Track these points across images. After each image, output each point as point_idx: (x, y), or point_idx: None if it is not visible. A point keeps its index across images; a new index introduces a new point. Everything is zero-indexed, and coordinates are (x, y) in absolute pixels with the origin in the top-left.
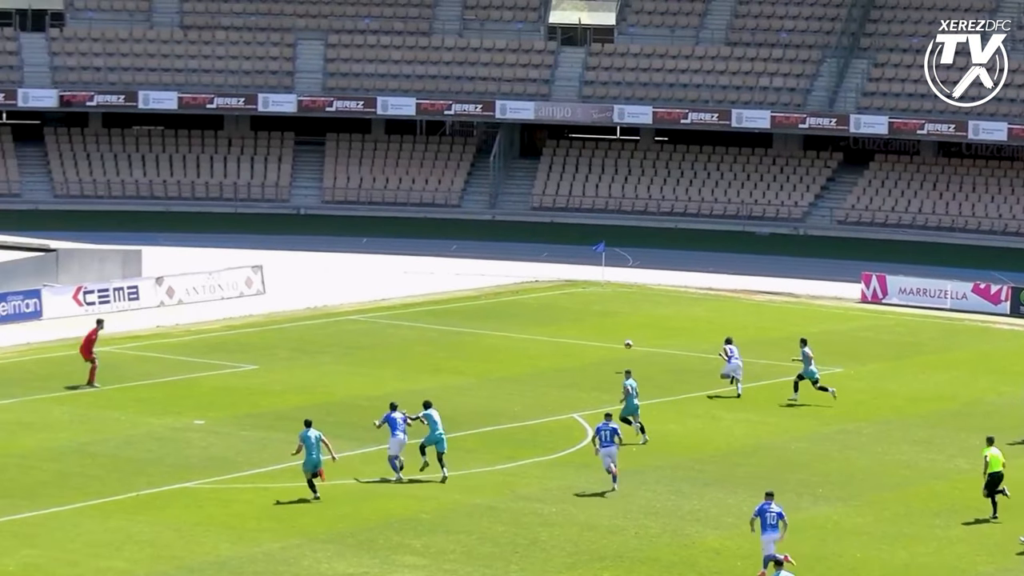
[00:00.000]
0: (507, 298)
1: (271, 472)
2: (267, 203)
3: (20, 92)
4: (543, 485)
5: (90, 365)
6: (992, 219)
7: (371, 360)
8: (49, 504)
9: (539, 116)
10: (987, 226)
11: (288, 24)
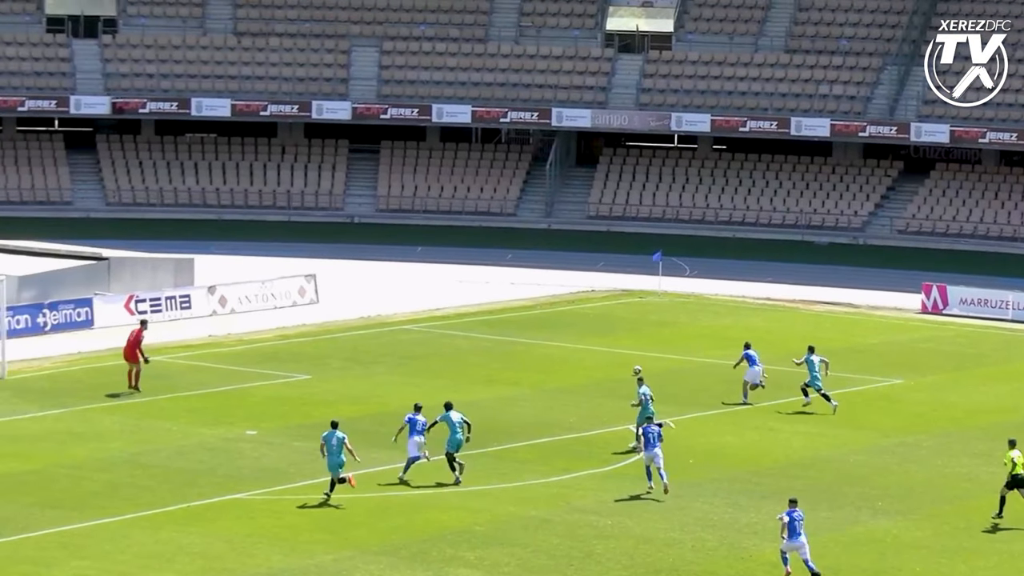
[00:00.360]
0: (563, 308)
1: (324, 483)
2: (321, 211)
3: (72, 99)
4: (598, 497)
5: (135, 368)
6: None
7: (425, 370)
8: (99, 515)
9: (596, 124)
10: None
11: (343, 31)
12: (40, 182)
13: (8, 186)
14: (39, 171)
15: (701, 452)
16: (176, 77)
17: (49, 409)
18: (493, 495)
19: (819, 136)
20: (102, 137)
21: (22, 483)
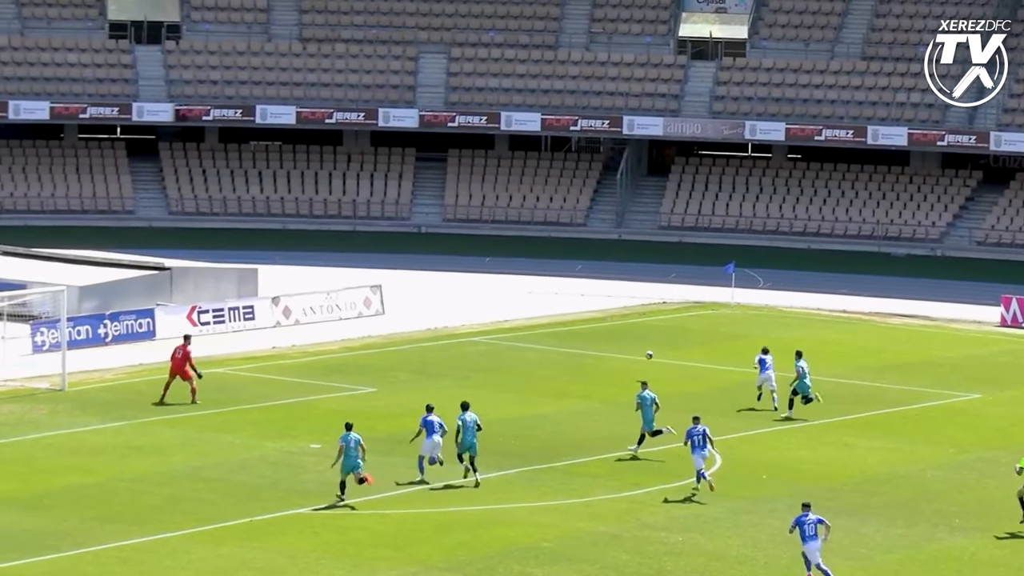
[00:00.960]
0: (634, 320)
1: (389, 498)
2: (387, 221)
3: (135, 106)
4: (669, 513)
5: (191, 385)
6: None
7: (492, 383)
8: (160, 530)
9: (668, 132)
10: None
11: (410, 37)
12: (102, 191)
13: (69, 195)
14: (101, 179)
15: (774, 467)
16: (240, 84)
17: (110, 422)
18: (562, 510)
19: (896, 145)
20: (165, 145)
21: (82, 496)
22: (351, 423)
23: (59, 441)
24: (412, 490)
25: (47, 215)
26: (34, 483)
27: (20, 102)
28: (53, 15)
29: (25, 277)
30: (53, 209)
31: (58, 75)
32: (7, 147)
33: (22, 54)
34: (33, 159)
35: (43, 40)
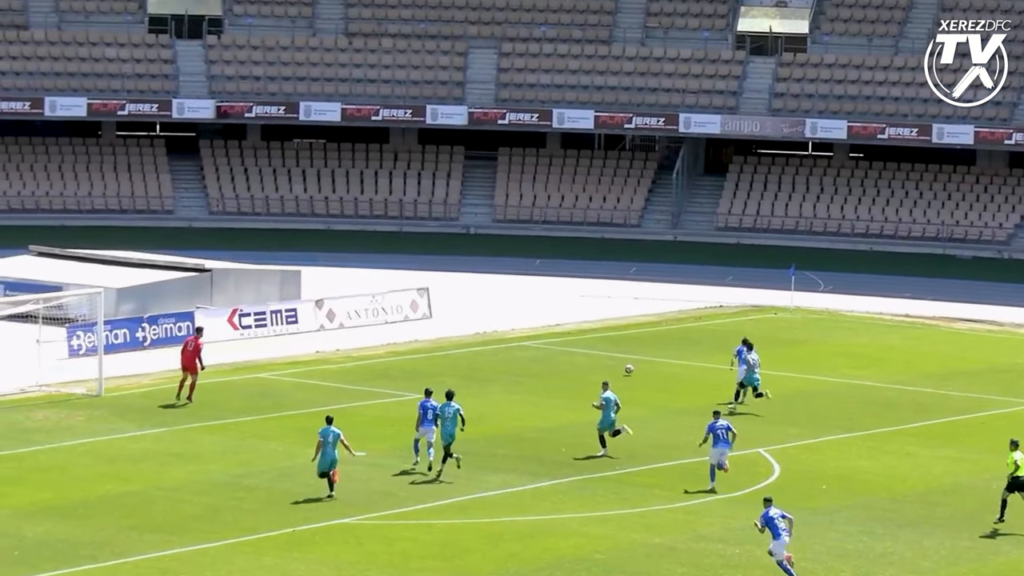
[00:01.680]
0: (689, 324)
1: (436, 507)
2: (435, 221)
3: (175, 103)
4: (726, 524)
5: (192, 379)
6: None
7: (543, 389)
8: (200, 540)
9: (725, 130)
10: None
11: (459, 31)
12: (140, 190)
13: (107, 193)
14: (139, 178)
15: (833, 477)
16: (284, 80)
17: (148, 428)
18: (615, 521)
19: (962, 144)
20: (205, 143)
21: (120, 506)
22: (331, 417)
23: (96, 448)
24: (461, 499)
25: (84, 215)
26: (70, 492)
27: (57, 98)
28: (91, 8)
29: (61, 279)
30: (90, 209)
31: (96, 71)
32: (43, 145)
33: (59, 49)
34: (70, 157)
35: (81, 34)
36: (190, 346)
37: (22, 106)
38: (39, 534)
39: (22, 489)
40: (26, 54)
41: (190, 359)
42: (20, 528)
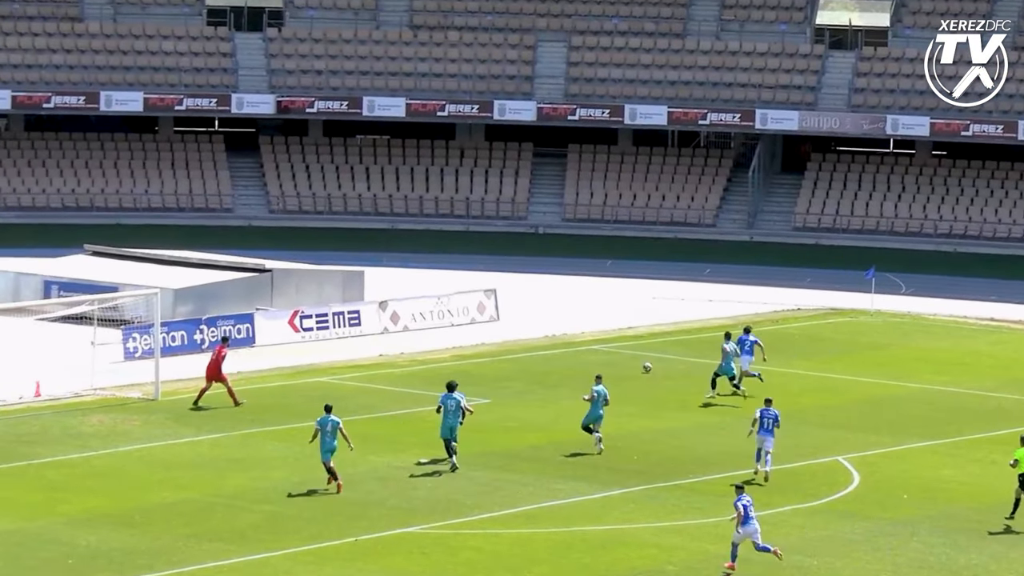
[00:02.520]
0: (766, 327)
1: (503, 516)
2: (502, 220)
3: (234, 97)
4: (804, 535)
5: (226, 386)
6: None
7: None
8: (259, 549)
9: (803, 127)
10: None
11: (528, 24)
12: (198, 187)
13: (164, 191)
14: (197, 175)
15: (916, 487)
16: (347, 74)
17: (206, 433)
18: (688, 531)
19: None
20: (265, 139)
21: (177, 513)
22: (331, 405)
23: (152, 454)
24: (529, 508)
25: (140, 213)
26: (126, 499)
27: (113, 93)
28: (148, 0)
29: (117, 279)
30: (147, 207)
31: (153, 64)
32: (98, 141)
33: (115, 42)
34: (126, 153)
35: (137, 27)
36: (215, 355)
37: (77, 101)
38: (93, 542)
39: (76, 496)
40: (81, 47)
41: (214, 369)
42: (74, 536)
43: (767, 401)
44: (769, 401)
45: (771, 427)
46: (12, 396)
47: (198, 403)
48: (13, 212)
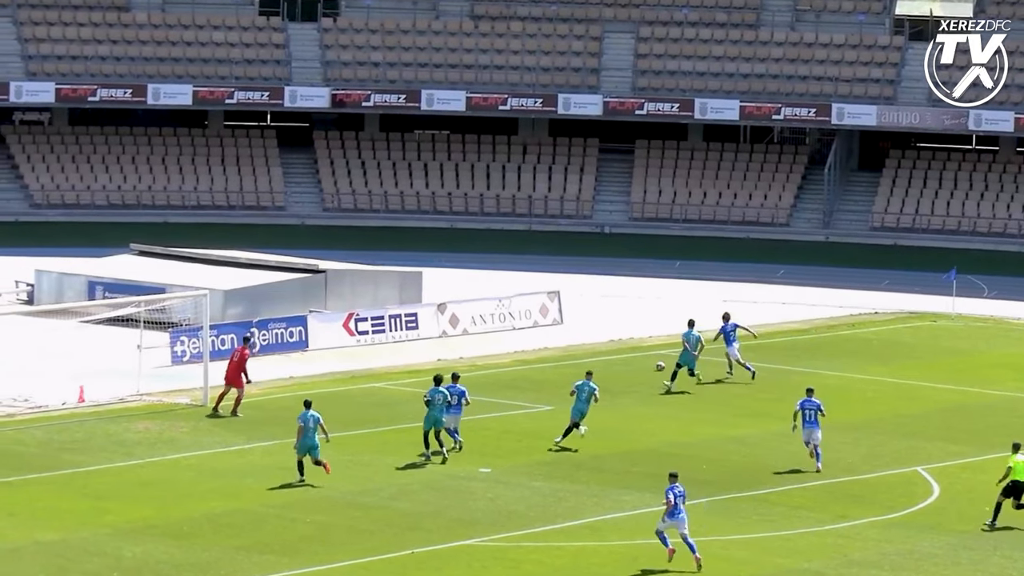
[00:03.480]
0: (842, 332)
1: (566, 528)
2: (566, 220)
3: (287, 91)
4: (880, 549)
5: (238, 393)
6: None
7: (681, 402)
8: (311, 562)
9: (882, 122)
10: None
11: (594, 15)
12: (250, 184)
13: (214, 188)
14: (248, 172)
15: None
16: (404, 66)
17: (257, 441)
18: (759, 544)
19: None
20: (320, 134)
21: (226, 524)
22: (310, 400)
23: (201, 462)
24: (593, 519)
25: (189, 211)
26: (174, 509)
27: (161, 86)
28: None
29: (164, 280)
30: (196, 204)
31: (202, 56)
32: (146, 135)
33: (163, 32)
34: (174, 149)
35: (186, 17)
36: (235, 356)
37: (124, 94)
38: (139, 554)
39: (121, 505)
40: (128, 38)
41: (235, 372)
42: (119, 547)
43: (808, 391)
44: (811, 391)
45: (814, 418)
46: (56, 401)
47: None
48: (57, 209)
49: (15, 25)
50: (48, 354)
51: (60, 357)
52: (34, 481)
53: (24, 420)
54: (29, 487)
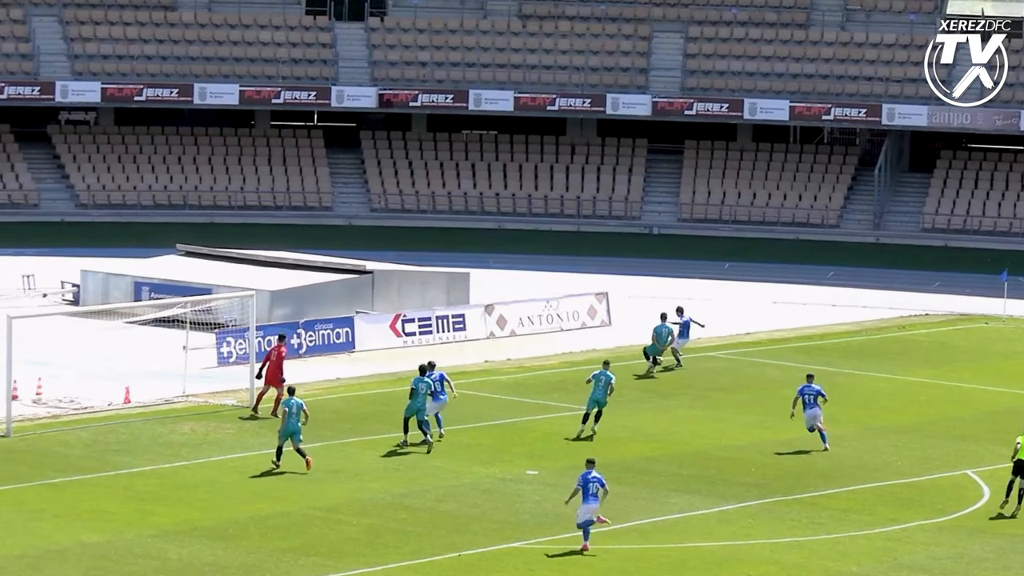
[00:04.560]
0: (892, 334)
1: (614, 531)
2: (615, 220)
3: (334, 91)
4: (930, 552)
5: (277, 392)
6: None
7: (730, 404)
8: (358, 564)
9: (933, 123)
10: None
11: (642, 14)
12: (296, 184)
13: (260, 188)
14: (295, 172)
15: None
16: (452, 66)
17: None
18: (808, 548)
19: None
20: (367, 134)
21: (273, 527)
22: (294, 388)
23: (247, 464)
24: (641, 522)
25: (235, 211)
26: (219, 511)
27: (207, 85)
28: None
29: (210, 280)
30: (242, 205)
31: (249, 55)
32: (191, 135)
33: (209, 32)
34: (220, 149)
35: (233, 16)
36: (273, 355)
37: (170, 93)
38: (184, 556)
39: (166, 507)
40: (174, 37)
41: (274, 371)
42: (164, 549)
43: (809, 377)
44: (811, 377)
45: (814, 401)
46: (101, 402)
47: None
48: (102, 210)
49: (61, 24)
50: (94, 355)
51: (106, 358)
52: (79, 483)
53: (70, 421)
54: (74, 488)
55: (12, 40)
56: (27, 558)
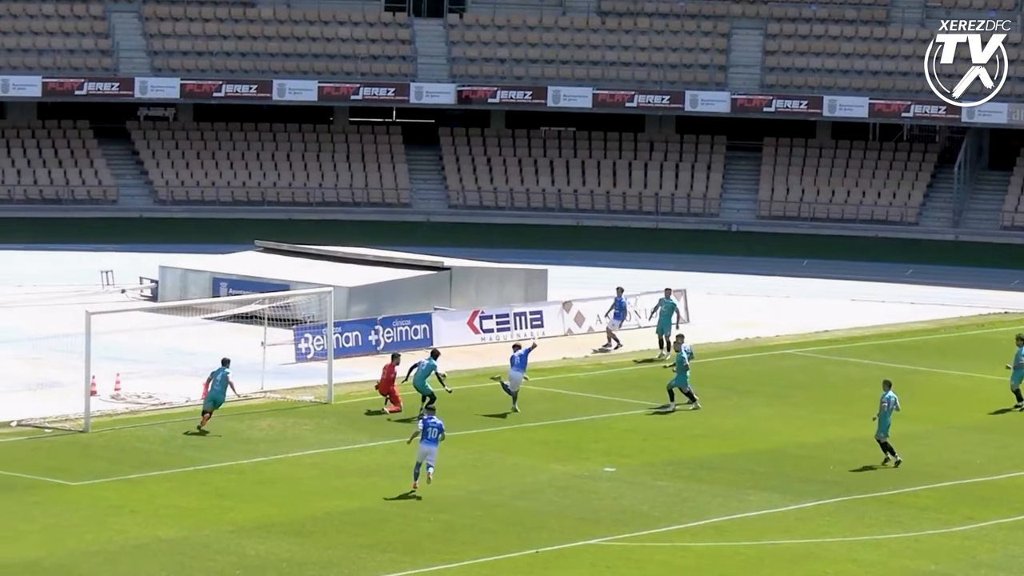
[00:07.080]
0: (971, 332)
1: (691, 529)
2: (693, 217)
3: (413, 87)
4: (1008, 551)
5: (393, 404)
6: None
7: (808, 402)
8: (435, 561)
9: (1013, 120)
10: None
11: (722, 11)
12: (375, 181)
13: (339, 185)
14: (374, 169)
15: None
16: (531, 63)
17: (380, 439)
18: (886, 546)
19: None
20: (445, 131)
21: (349, 523)
22: (228, 359)
23: (324, 460)
24: (718, 519)
25: (313, 208)
26: (297, 507)
27: (286, 82)
28: None
29: (288, 277)
30: (320, 201)
31: (328, 52)
32: (270, 132)
33: (288, 28)
34: (299, 145)
35: (312, 13)
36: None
37: (248, 90)
38: (262, 552)
39: (244, 503)
40: (253, 33)
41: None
42: (242, 545)
43: (886, 384)
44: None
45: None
46: (179, 398)
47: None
48: (181, 206)
49: (140, 21)
50: (172, 351)
51: (184, 354)
52: (157, 478)
53: (148, 417)
54: (152, 484)
55: (92, 36)
56: (104, 553)
